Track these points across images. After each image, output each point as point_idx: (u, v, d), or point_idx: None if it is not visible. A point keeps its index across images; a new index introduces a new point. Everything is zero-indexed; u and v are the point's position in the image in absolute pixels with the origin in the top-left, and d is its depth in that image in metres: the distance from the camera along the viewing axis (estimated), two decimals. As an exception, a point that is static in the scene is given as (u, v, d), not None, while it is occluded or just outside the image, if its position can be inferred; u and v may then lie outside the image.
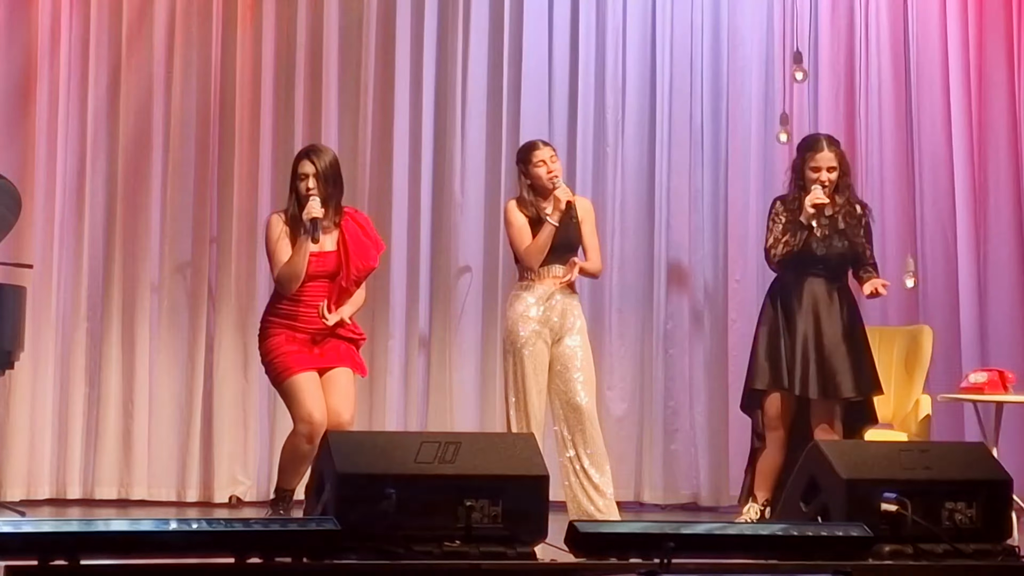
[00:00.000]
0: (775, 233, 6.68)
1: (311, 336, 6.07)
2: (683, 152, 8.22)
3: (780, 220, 6.69)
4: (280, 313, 6.11)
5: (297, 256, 6.03)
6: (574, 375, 6.47)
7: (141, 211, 7.74)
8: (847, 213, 6.71)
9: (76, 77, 7.69)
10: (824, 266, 6.67)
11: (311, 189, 6.06)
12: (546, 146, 6.62)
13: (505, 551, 4.52)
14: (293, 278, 6.03)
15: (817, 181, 6.62)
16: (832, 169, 6.67)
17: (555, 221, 6.44)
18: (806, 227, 6.61)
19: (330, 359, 6.09)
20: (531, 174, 6.56)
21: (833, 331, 6.62)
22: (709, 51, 8.30)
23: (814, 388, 6.57)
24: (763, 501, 6.60)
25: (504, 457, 4.73)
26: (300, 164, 6.14)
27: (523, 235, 6.51)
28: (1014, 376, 7.11)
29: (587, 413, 6.46)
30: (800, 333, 6.61)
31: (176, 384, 7.71)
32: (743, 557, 4.69)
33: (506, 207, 6.67)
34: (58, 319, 7.61)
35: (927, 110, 8.36)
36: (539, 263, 6.48)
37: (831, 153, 6.69)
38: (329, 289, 6.10)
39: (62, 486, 7.56)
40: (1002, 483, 5.07)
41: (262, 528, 4.37)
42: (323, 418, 5.96)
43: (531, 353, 6.43)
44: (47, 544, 4.06)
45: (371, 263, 6.22)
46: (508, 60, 8.11)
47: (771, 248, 6.69)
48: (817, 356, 6.59)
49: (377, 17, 8.01)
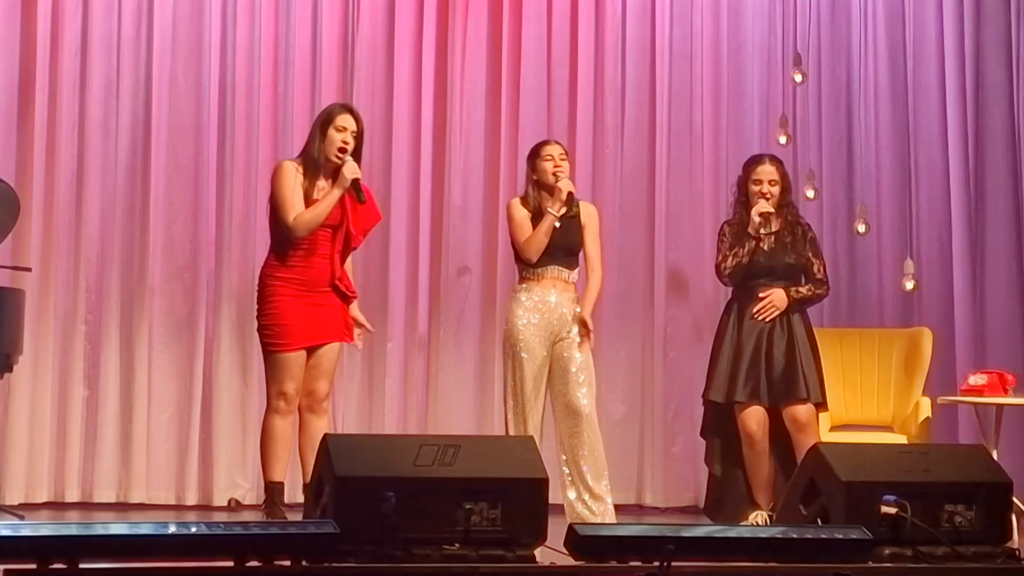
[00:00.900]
0: (723, 250, 6.85)
1: (311, 292, 6.06)
2: (683, 155, 8.22)
3: (727, 239, 6.86)
4: (285, 265, 6.08)
5: (325, 205, 6.00)
6: (573, 378, 6.46)
7: (139, 214, 7.73)
8: (792, 229, 6.86)
9: (74, 80, 7.68)
10: (772, 278, 6.79)
11: (346, 144, 6.06)
12: (557, 144, 6.65)
13: (504, 554, 4.52)
14: (313, 225, 6.01)
15: (759, 194, 6.79)
16: (774, 183, 6.83)
17: (556, 212, 6.43)
18: (753, 238, 6.75)
19: (325, 333, 6.10)
20: (538, 168, 6.56)
21: (783, 342, 6.73)
22: (709, 53, 8.31)
23: (766, 397, 6.68)
24: (769, 508, 6.61)
25: (503, 460, 4.73)
26: (342, 117, 6.11)
27: (523, 229, 6.51)
28: (1014, 378, 7.12)
29: (586, 417, 6.44)
30: (752, 344, 6.72)
31: (175, 387, 7.70)
32: (742, 560, 4.69)
33: (509, 203, 6.69)
34: (57, 322, 7.60)
35: (924, 113, 8.36)
36: (537, 255, 6.46)
37: (772, 167, 6.87)
38: (333, 240, 6.09)
39: (61, 489, 7.55)
40: (1002, 485, 5.07)
41: (261, 531, 4.38)
42: (297, 396, 6.05)
43: (530, 356, 6.42)
44: (46, 547, 4.06)
45: (375, 216, 6.25)
46: (507, 62, 8.12)
47: (720, 263, 6.85)
48: (767, 366, 6.69)
49: (376, 19, 8.01)
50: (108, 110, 7.72)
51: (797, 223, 6.90)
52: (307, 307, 6.05)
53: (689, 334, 8.15)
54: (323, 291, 6.09)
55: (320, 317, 6.08)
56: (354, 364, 7.86)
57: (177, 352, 7.71)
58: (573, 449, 6.43)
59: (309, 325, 6.06)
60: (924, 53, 8.39)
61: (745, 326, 6.76)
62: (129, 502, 7.58)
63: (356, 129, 6.11)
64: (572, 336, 6.48)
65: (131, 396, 7.64)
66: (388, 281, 7.91)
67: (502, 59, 8.11)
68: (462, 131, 8.05)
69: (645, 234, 8.13)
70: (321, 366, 6.10)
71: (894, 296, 7.96)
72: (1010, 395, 7.07)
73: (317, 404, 6.11)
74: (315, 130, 6.14)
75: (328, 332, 6.11)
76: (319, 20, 7.92)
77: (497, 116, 8.08)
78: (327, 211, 6.01)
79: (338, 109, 6.19)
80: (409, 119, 8.01)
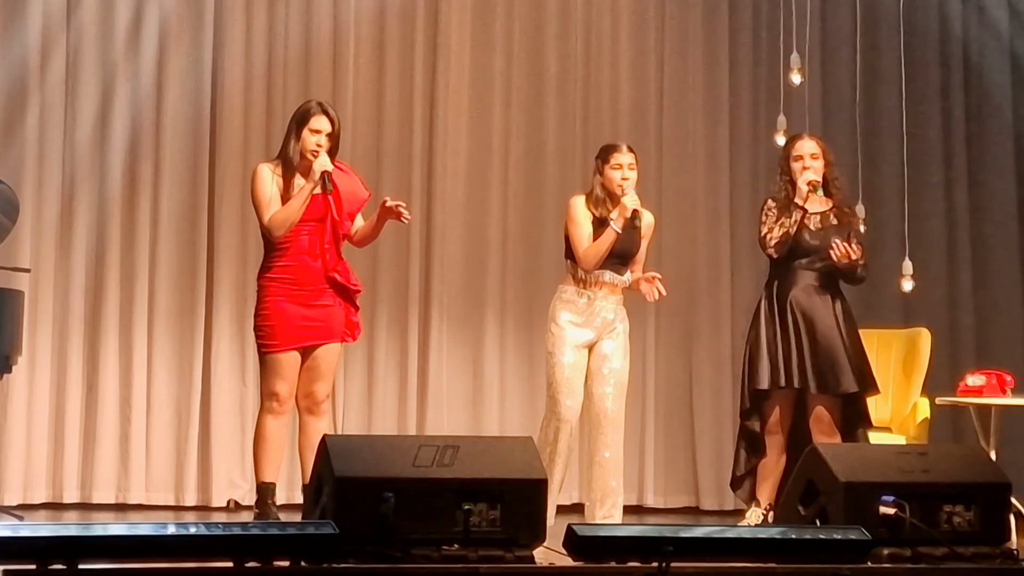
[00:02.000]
0: (768, 224, 6.67)
1: (303, 291, 6.04)
2: (682, 154, 8.23)
3: (772, 212, 6.69)
4: (274, 266, 6.08)
5: (298, 203, 5.99)
6: (605, 380, 6.47)
7: (137, 215, 7.73)
8: (839, 211, 6.72)
9: (71, 82, 7.68)
10: (817, 258, 6.64)
11: (320, 147, 6.06)
12: (629, 152, 6.58)
13: (503, 555, 4.53)
14: (287, 223, 6.00)
15: (803, 169, 6.65)
16: (815, 156, 6.69)
17: (619, 228, 6.42)
18: (800, 208, 6.60)
19: (321, 333, 6.08)
20: (605, 174, 6.53)
21: (826, 324, 6.58)
22: (705, 53, 8.32)
23: (813, 382, 6.53)
24: (766, 505, 6.59)
25: (502, 461, 4.73)
26: (316, 119, 6.10)
27: (583, 234, 6.48)
28: (1012, 379, 7.12)
29: (612, 420, 6.47)
30: (791, 326, 6.58)
31: (173, 388, 7.70)
32: (741, 561, 4.69)
33: (572, 202, 6.60)
34: (55, 323, 7.60)
35: (924, 110, 8.36)
36: (596, 267, 6.46)
37: (811, 142, 6.75)
38: (319, 233, 6.07)
39: (59, 490, 7.55)
40: (1000, 486, 5.07)
41: (260, 532, 4.38)
42: (290, 396, 6.05)
43: (571, 357, 6.43)
44: (45, 548, 4.07)
45: (361, 196, 6.23)
46: (500, 62, 8.12)
47: (766, 236, 6.65)
48: (811, 349, 6.55)
49: (367, 26, 8.01)
50: (103, 111, 7.72)
51: (846, 205, 6.73)
52: (301, 308, 6.04)
53: (689, 336, 8.15)
54: (319, 289, 6.07)
55: (315, 318, 6.06)
56: (354, 365, 7.87)
57: (175, 353, 7.72)
58: (592, 449, 6.45)
59: (302, 326, 6.04)
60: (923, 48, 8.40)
61: (784, 307, 6.59)
62: (128, 503, 7.58)
63: (331, 130, 6.11)
64: (615, 335, 6.48)
65: (130, 396, 7.64)
66: (384, 284, 7.92)
67: (495, 62, 8.11)
68: (456, 136, 8.07)
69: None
70: (319, 368, 6.10)
71: (892, 297, 7.96)
72: (1008, 396, 7.06)
73: (316, 406, 6.10)
74: (291, 128, 6.14)
75: (324, 333, 6.09)
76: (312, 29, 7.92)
77: (491, 118, 8.09)
78: (300, 207, 6.00)
79: (313, 109, 6.15)
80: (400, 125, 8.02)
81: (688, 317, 8.18)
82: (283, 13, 7.91)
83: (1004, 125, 8.56)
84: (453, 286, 8.02)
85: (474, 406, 8.00)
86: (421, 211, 8.01)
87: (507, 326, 8.01)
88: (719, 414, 8.07)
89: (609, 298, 6.50)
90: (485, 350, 8.01)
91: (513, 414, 7.99)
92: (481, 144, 8.11)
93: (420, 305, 7.98)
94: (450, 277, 8.02)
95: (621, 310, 6.55)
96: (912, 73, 8.08)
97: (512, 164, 8.12)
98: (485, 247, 8.05)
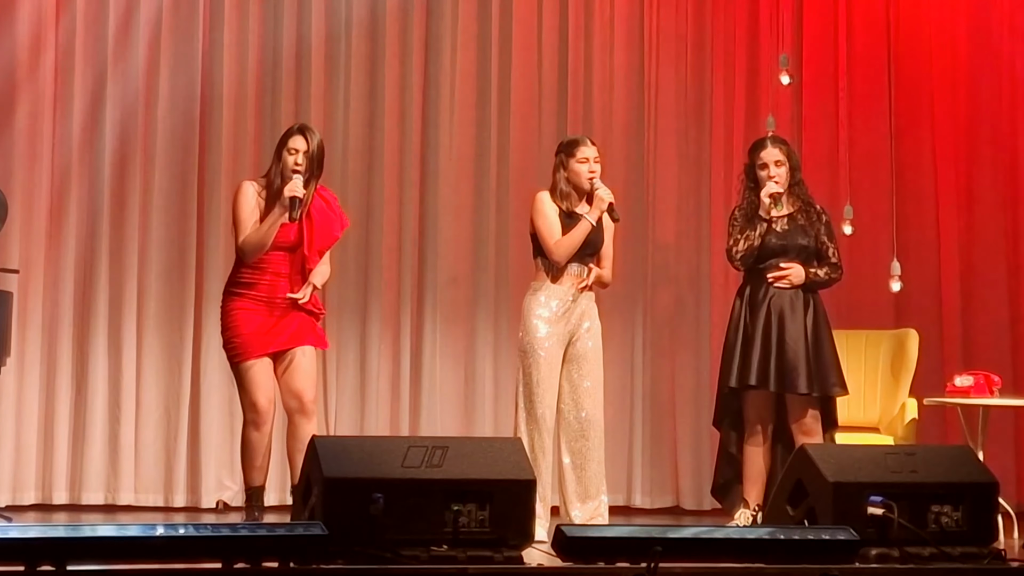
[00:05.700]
0: (734, 234, 6.71)
1: (270, 307, 6.07)
2: (670, 156, 8.24)
3: (737, 223, 6.73)
4: (241, 282, 6.12)
5: (268, 226, 6.03)
6: (582, 383, 6.46)
7: (127, 215, 7.73)
8: (805, 211, 6.74)
9: (61, 82, 7.68)
10: (785, 258, 6.65)
11: (299, 165, 6.08)
12: (592, 146, 6.58)
13: (492, 555, 4.53)
14: (259, 248, 6.05)
15: (768, 178, 6.67)
16: (779, 164, 6.71)
17: (594, 220, 6.42)
18: (765, 220, 6.63)
19: (290, 339, 6.10)
20: (571, 169, 6.52)
21: (795, 325, 6.60)
22: (695, 53, 8.33)
23: (773, 382, 6.55)
24: (754, 506, 6.60)
25: (491, 461, 4.73)
26: (293, 139, 6.15)
27: (553, 228, 6.46)
28: (1000, 380, 7.14)
29: (592, 423, 6.46)
30: (762, 327, 6.59)
31: (163, 389, 7.70)
32: (730, 561, 4.70)
33: (539, 196, 6.57)
34: (44, 324, 7.59)
35: (911, 112, 8.37)
36: (568, 259, 6.43)
37: (775, 149, 6.74)
38: (290, 261, 6.11)
39: (48, 491, 7.54)
40: (988, 486, 5.09)
41: (249, 533, 4.37)
42: (270, 406, 6.06)
43: (547, 355, 6.41)
44: (34, 549, 4.06)
45: (334, 235, 6.26)
46: (496, 63, 8.12)
47: (731, 247, 6.70)
48: (778, 349, 6.57)
49: (363, 23, 8.01)
50: (93, 112, 7.71)
51: (811, 205, 6.75)
52: (266, 318, 6.08)
53: (675, 337, 8.16)
54: (284, 305, 6.11)
55: (283, 326, 6.10)
56: (346, 367, 7.87)
57: (164, 354, 7.71)
58: (571, 453, 6.43)
59: (269, 332, 6.07)
60: (910, 50, 8.41)
61: (756, 310, 6.62)
62: (117, 504, 7.57)
63: (308, 149, 6.11)
64: (589, 335, 6.47)
65: (119, 398, 7.63)
66: (377, 285, 7.91)
67: (491, 62, 8.11)
68: (450, 136, 8.05)
69: (631, 236, 8.12)
70: (300, 368, 6.10)
71: (884, 297, 7.97)
72: (996, 396, 7.09)
73: (303, 407, 6.10)
74: (275, 153, 6.20)
75: (294, 337, 6.11)
76: (306, 26, 7.92)
77: (487, 119, 8.08)
78: (271, 232, 6.03)
79: (292, 131, 6.21)
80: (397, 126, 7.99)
81: (672, 320, 8.18)
82: (275, 11, 7.91)
83: (994, 124, 8.56)
84: (446, 286, 8.02)
85: (467, 406, 8.01)
86: (414, 211, 8.00)
87: (500, 327, 8.00)
88: (703, 416, 8.06)
89: (581, 295, 6.48)
90: (477, 350, 8.01)
91: (506, 414, 7.98)
92: (474, 144, 8.10)
93: (413, 305, 7.98)
94: (443, 277, 8.02)
95: (593, 307, 6.53)
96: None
97: (505, 165, 8.11)
98: (478, 247, 8.05)
